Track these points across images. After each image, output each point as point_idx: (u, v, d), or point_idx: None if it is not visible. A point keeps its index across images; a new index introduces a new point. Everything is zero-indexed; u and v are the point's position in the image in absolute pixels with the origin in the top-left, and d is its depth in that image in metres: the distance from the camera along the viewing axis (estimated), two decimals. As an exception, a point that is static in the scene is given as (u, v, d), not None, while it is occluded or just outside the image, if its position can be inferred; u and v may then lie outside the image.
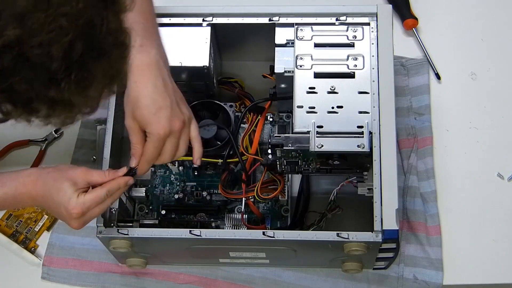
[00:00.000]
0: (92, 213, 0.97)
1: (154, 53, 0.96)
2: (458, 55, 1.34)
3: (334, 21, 1.11)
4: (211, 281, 1.18)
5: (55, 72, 0.66)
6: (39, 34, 0.64)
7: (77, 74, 0.67)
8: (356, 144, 1.04)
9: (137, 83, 0.95)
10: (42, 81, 0.66)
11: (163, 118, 0.95)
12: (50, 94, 0.67)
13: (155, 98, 0.95)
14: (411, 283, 1.16)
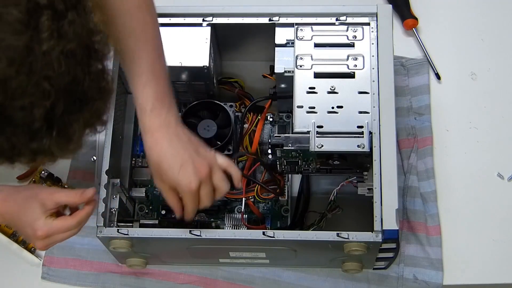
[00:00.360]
0: (57, 237, 0.98)
1: (165, 114, 0.97)
2: (458, 55, 1.34)
3: (334, 21, 1.11)
4: (211, 281, 1.18)
5: (37, 131, 0.66)
6: (21, 98, 0.64)
7: (58, 130, 0.68)
8: (356, 144, 1.04)
9: (153, 148, 0.97)
10: (24, 138, 0.66)
11: (188, 174, 0.96)
12: (32, 147, 0.67)
13: (174, 158, 0.96)
14: (411, 283, 1.16)
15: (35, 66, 0.63)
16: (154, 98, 0.96)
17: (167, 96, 0.98)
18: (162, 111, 0.97)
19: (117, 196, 1.08)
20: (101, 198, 1.05)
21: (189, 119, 1.16)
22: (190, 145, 0.97)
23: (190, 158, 0.96)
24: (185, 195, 0.97)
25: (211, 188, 0.98)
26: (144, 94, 0.96)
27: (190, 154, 0.96)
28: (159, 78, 0.98)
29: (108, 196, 1.06)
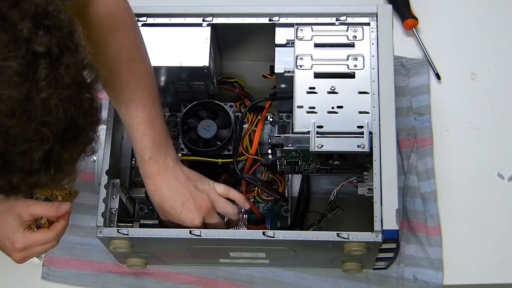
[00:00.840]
0: (36, 250, 1.00)
1: (162, 160, 1.03)
2: (458, 55, 1.34)
3: (334, 21, 1.11)
4: (211, 281, 1.18)
5: (36, 171, 0.67)
6: (21, 144, 0.65)
7: (56, 168, 0.69)
8: (356, 144, 1.04)
9: (154, 191, 1.04)
10: (23, 178, 0.68)
11: (191, 212, 1.03)
12: (30, 182, 0.69)
13: (174, 199, 1.03)
14: (411, 283, 1.16)
15: (34, 114, 0.64)
16: (152, 147, 1.02)
17: (164, 142, 1.04)
18: (160, 158, 1.03)
19: (117, 196, 1.08)
20: (101, 198, 1.05)
21: (189, 119, 1.16)
22: (188, 183, 1.04)
23: (190, 196, 1.03)
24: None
25: (218, 218, 1.06)
26: (142, 144, 1.02)
27: (189, 192, 1.03)
28: (156, 127, 1.03)
29: (108, 196, 1.06)
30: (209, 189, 1.05)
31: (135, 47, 1.01)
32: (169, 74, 1.14)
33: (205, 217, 1.04)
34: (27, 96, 0.63)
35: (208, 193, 1.05)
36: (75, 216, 1.21)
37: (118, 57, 0.98)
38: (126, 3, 1.00)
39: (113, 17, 0.97)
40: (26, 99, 0.63)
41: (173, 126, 1.22)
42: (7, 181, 0.67)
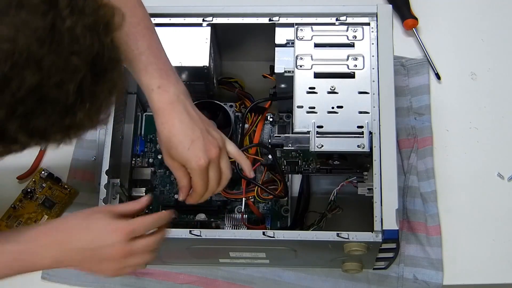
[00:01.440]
0: (141, 243, 0.91)
1: (173, 90, 0.97)
2: (458, 55, 1.34)
3: (334, 21, 1.11)
4: (211, 281, 1.18)
5: (72, 106, 0.69)
6: (55, 75, 0.67)
7: (90, 102, 0.71)
8: (356, 144, 1.04)
9: (164, 124, 0.96)
10: (59, 115, 0.69)
11: (198, 150, 0.96)
12: (66, 123, 0.70)
13: (184, 133, 0.96)
14: (411, 283, 1.16)
15: (63, 42, 0.66)
16: (159, 76, 0.96)
17: (171, 72, 0.98)
18: (169, 88, 0.96)
19: (117, 196, 1.08)
20: (101, 198, 1.05)
21: (189, 119, 1.16)
22: (201, 123, 0.97)
23: (201, 135, 0.96)
24: (194, 173, 0.97)
25: (219, 170, 0.98)
26: (148, 74, 0.96)
27: (201, 132, 0.96)
28: (159, 57, 0.98)
29: (108, 196, 1.06)
30: (221, 139, 0.99)
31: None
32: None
33: (210, 163, 0.97)
34: (53, 24, 0.65)
35: (219, 142, 0.98)
36: (75, 216, 1.21)
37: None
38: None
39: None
40: (53, 27, 0.65)
41: (173, 126, 1.22)
42: (44, 119, 0.68)
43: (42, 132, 0.70)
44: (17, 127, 0.68)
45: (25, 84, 0.66)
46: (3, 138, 0.69)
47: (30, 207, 1.23)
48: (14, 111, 0.67)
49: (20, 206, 1.23)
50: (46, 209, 1.22)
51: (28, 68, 0.65)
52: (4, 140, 0.70)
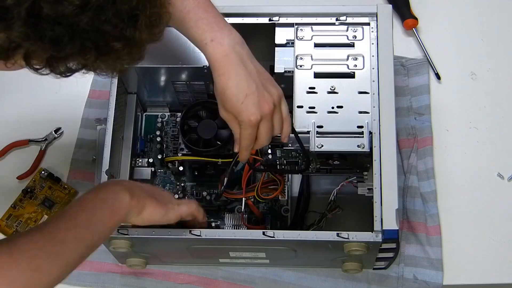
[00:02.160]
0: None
1: (227, 42, 0.96)
2: (458, 55, 1.34)
3: (334, 21, 1.11)
4: (211, 281, 1.18)
5: (135, 8, 0.70)
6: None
7: (150, 10, 0.72)
8: (356, 144, 1.04)
9: (220, 76, 0.96)
10: (125, 17, 0.70)
11: (251, 105, 0.95)
12: (127, 34, 0.71)
13: (239, 87, 0.95)
14: (411, 283, 1.16)
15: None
16: (210, 29, 0.96)
17: (224, 25, 0.97)
18: (223, 40, 0.96)
19: (117, 196, 1.08)
20: (101, 198, 1.05)
21: (189, 119, 1.16)
22: (258, 77, 0.97)
23: (256, 90, 0.96)
24: (244, 127, 0.97)
25: (271, 127, 0.98)
26: (199, 29, 0.96)
27: (257, 86, 0.96)
28: (208, 11, 0.97)
29: (108, 196, 1.06)
30: (278, 94, 0.99)
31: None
32: (169, 74, 1.14)
33: (262, 118, 0.97)
34: None
35: (275, 98, 0.98)
36: (75, 216, 1.21)
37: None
38: None
39: None
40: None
41: (173, 126, 1.22)
42: (111, 19, 0.69)
43: (106, 38, 0.70)
44: (87, 22, 0.68)
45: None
46: (73, 37, 0.69)
47: (30, 207, 1.23)
48: (87, 3, 0.68)
49: (20, 206, 1.23)
50: (46, 209, 1.23)
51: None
52: (73, 43, 0.70)
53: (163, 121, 1.23)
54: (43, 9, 0.67)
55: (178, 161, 1.18)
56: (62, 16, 0.67)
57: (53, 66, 0.72)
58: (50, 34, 0.68)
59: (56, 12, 0.67)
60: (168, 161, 1.19)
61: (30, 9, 0.66)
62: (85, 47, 0.71)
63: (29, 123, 1.29)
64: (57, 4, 0.67)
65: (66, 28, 0.68)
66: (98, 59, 0.72)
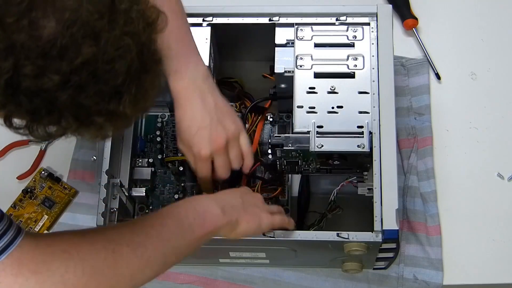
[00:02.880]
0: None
1: (189, 75, 0.99)
2: (458, 55, 1.34)
3: (334, 21, 1.11)
4: (211, 281, 1.18)
5: (119, 86, 0.70)
6: (110, 51, 0.68)
7: (136, 88, 0.72)
8: (356, 144, 1.04)
9: (178, 108, 1.00)
10: (107, 95, 0.70)
11: (202, 138, 0.99)
12: (110, 108, 0.71)
13: (193, 120, 0.99)
14: (411, 283, 1.16)
15: (119, 21, 0.69)
16: (176, 60, 0.98)
17: (192, 57, 0.99)
18: (186, 73, 0.98)
19: (117, 196, 1.08)
20: (101, 198, 1.05)
21: (189, 119, 1.16)
22: (215, 112, 0.99)
23: (210, 124, 0.98)
24: (196, 160, 1.00)
25: (227, 161, 1.01)
26: (166, 58, 0.96)
27: (211, 121, 0.98)
28: (179, 40, 0.99)
29: (108, 196, 1.06)
30: (233, 130, 1.00)
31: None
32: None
33: (214, 153, 1.00)
34: (112, 2, 0.68)
35: (230, 133, 1.00)
36: (75, 216, 1.22)
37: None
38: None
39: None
40: (112, 4, 0.68)
41: (173, 126, 1.22)
42: (90, 98, 0.69)
43: (87, 112, 0.70)
44: (67, 98, 0.68)
45: (82, 55, 0.67)
46: (51, 112, 0.69)
47: (30, 207, 1.23)
48: (68, 81, 0.68)
49: (20, 205, 1.23)
50: (46, 209, 1.23)
51: (87, 39, 0.67)
52: (50, 115, 0.70)
53: (163, 121, 1.23)
54: (23, 83, 0.67)
55: (178, 161, 1.18)
56: (41, 90, 0.67)
57: (32, 131, 0.72)
58: (28, 106, 0.68)
59: (35, 86, 0.67)
60: (168, 161, 1.19)
61: (9, 80, 0.67)
62: (64, 118, 0.70)
63: (29, 123, 1.29)
64: (37, 79, 0.67)
65: (44, 102, 0.68)
66: (79, 129, 0.72)
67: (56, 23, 0.66)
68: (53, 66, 0.66)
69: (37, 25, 0.65)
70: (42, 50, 0.66)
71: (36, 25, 0.65)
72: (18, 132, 0.72)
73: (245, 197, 0.99)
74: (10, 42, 0.65)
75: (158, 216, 0.90)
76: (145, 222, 0.88)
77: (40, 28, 0.65)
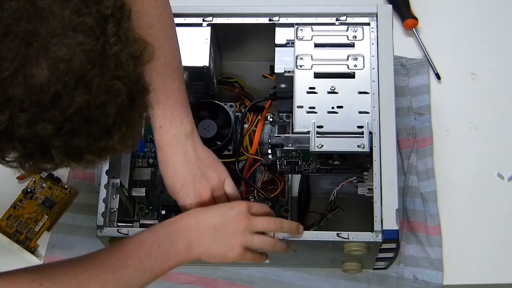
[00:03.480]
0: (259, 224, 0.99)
1: (173, 132, 1.01)
2: (458, 55, 1.34)
3: (334, 21, 1.11)
4: (211, 281, 1.18)
5: (110, 127, 0.72)
6: (101, 96, 0.70)
7: (126, 126, 0.74)
8: (356, 144, 1.04)
9: (161, 163, 1.02)
10: (97, 136, 0.72)
11: (187, 195, 1.01)
12: (101, 145, 0.73)
13: (175, 177, 1.01)
14: (411, 283, 1.16)
15: (110, 66, 0.70)
16: (163, 115, 1.00)
17: (179, 113, 1.01)
18: (171, 129, 1.00)
19: (117, 196, 1.08)
20: (101, 198, 1.05)
21: (189, 119, 1.16)
22: (196, 167, 1.01)
23: (192, 180, 1.01)
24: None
25: None
26: (153, 112, 1.00)
27: (194, 176, 1.01)
28: (169, 95, 1.01)
29: (108, 196, 1.06)
30: (217, 180, 1.02)
31: (156, 14, 1.00)
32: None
33: (202, 205, 1.02)
34: (103, 48, 0.69)
35: (214, 184, 1.02)
36: (75, 216, 1.22)
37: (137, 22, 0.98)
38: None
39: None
40: (103, 51, 0.69)
41: (173, 126, 1.22)
42: (84, 139, 0.71)
43: (79, 152, 0.72)
44: (60, 144, 0.70)
45: (75, 103, 0.69)
46: (44, 154, 0.71)
47: (30, 207, 1.23)
48: (62, 128, 0.69)
49: (20, 206, 1.23)
50: (46, 209, 1.23)
51: (79, 88, 0.68)
52: (43, 157, 0.72)
53: (163, 121, 1.23)
54: (17, 132, 0.68)
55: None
56: (36, 137, 0.69)
57: (24, 166, 0.73)
58: (22, 151, 0.70)
59: (29, 133, 0.69)
60: (168, 161, 1.19)
61: (4, 131, 0.68)
62: (57, 158, 0.72)
63: (29, 123, 1.29)
64: (31, 127, 0.68)
65: (38, 147, 0.70)
66: (70, 164, 0.74)
67: (49, 72, 0.67)
68: (47, 114, 0.68)
69: (31, 75, 0.67)
70: (36, 99, 0.67)
71: (30, 75, 0.67)
72: (9, 165, 0.74)
73: (229, 223, 0.98)
74: (6, 96, 0.67)
75: (121, 254, 0.93)
76: (106, 262, 0.92)
77: (33, 77, 0.67)
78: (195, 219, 0.97)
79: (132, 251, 0.93)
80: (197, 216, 0.98)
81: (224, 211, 0.98)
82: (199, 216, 0.98)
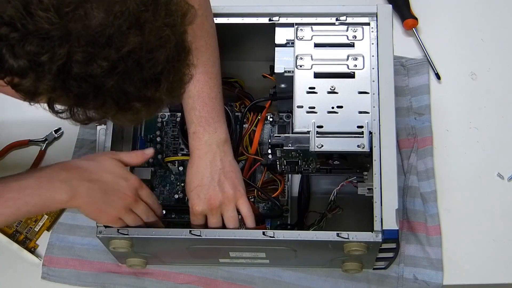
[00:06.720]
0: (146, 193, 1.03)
1: (206, 139, 1.05)
2: (458, 55, 1.34)
3: (334, 21, 1.11)
4: (211, 281, 1.18)
5: (159, 74, 0.76)
6: (152, 41, 0.74)
7: (173, 76, 0.77)
8: (356, 144, 1.04)
9: (189, 162, 1.06)
10: (147, 81, 0.76)
11: (197, 196, 1.04)
12: (149, 94, 0.76)
13: (194, 177, 1.05)
14: (411, 283, 1.16)
15: (161, 13, 0.75)
16: (197, 122, 1.04)
17: (214, 122, 1.05)
18: (203, 136, 1.04)
19: (117, 196, 1.08)
20: (101, 198, 1.04)
21: (189, 119, 1.16)
22: (217, 174, 1.04)
23: (207, 185, 1.04)
24: (190, 212, 1.06)
25: (219, 222, 1.06)
26: (188, 117, 1.05)
27: (210, 182, 1.04)
28: (206, 104, 1.04)
29: (108, 196, 1.06)
30: (231, 194, 1.05)
31: (198, 22, 0.98)
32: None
33: (207, 211, 1.04)
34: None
35: (227, 196, 1.04)
36: (75, 216, 1.22)
37: None
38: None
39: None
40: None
41: (173, 126, 1.22)
42: (134, 82, 0.74)
43: (128, 98, 0.75)
44: (113, 84, 0.74)
45: (128, 44, 0.73)
46: (96, 96, 0.74)
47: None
48: (115, 68, 0.73)
49: (20, 206, 1.23)
50: (46, 209, 1.22)
51: (132, 29, 0.73)
52: (95, 99, 0.75)
53: (163, 121, 1.23)
54: (74, 68, 0.72)
55: (178, 161, 1.18)
56: (90, 76, 0.72)
57: (74, 114, 0.77)
58: (77, 91, 0.73)
59: (85, 72, 0.72)
60: (168, 161, 1.19)
61: (61, 66, 0.71)
62: (107, 103, 0.75)
63: (29, 123, 1.29)
64: (87, 65, 0.72)
65: (91, 87, 0.73)
66: (118, 113, 0.77)
67: (105, 13, 0.71)
68: (102, 53, 0.72)
69: (89, 13, 0.71)
70: (92, 38, 0.71)
71: (89, 13, 0.71)
72: (59, 116, 0.77)
73: (119, 192, 0.99)
74: (66, 30, 0.70)
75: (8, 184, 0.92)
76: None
77: (91, 18, 0.71)
78: (90, 172, 0.97)
79: (10, 199, 0.92)
80: (92, 169, 0.98)
81: (118, 176, 0.99)
82: (95, 170, 0.98)
